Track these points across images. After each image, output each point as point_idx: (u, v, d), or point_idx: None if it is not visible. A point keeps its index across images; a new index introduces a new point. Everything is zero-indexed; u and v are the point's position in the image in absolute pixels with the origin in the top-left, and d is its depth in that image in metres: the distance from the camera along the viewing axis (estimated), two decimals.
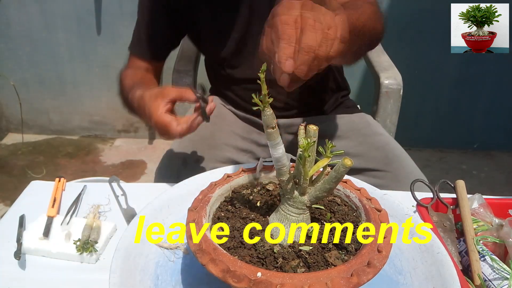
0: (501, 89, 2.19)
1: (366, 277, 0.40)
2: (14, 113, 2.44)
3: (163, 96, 0.70)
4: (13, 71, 2.31)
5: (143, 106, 0.73)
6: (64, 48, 2.26)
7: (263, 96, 0.43)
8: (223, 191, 0.54)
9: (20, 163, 2.22)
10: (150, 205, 0.60)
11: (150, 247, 0.56)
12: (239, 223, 0.50)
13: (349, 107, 1.11)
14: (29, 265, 0.62)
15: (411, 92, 1.74)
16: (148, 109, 0.71)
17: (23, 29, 2.20)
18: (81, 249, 0.63)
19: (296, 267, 0.44)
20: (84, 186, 0.79)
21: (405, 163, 0.92)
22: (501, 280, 0.55)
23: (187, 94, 0.71)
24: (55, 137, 2.50)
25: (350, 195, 0.54)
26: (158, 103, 0.70)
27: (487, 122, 2.30)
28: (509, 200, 0.70)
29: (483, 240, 0.61)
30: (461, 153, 2.37)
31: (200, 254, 0.42)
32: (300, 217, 0.48)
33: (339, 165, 0.43)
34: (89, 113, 2.45)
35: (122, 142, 2.47)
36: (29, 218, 0.70)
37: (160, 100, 0.70)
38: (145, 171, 2.19)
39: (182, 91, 0.71)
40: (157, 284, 0.52)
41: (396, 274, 0.54)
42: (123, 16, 2.14)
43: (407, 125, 1.85)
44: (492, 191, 1.71)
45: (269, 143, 0.45)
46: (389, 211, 0.54)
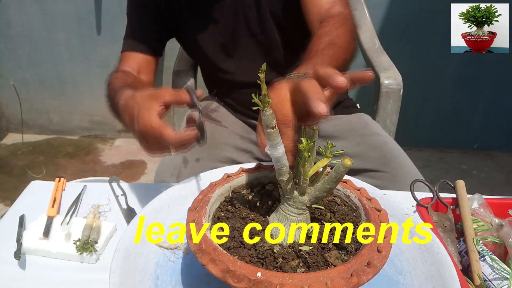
0: (501, 89, 2.19)
1: (366, 277, 0.40)
2: (14, 113, 2.44)
3: (157, 98, 0.59)
4: (13, 71, 2.31)
5: (131, 106, 0.61)
6: (64, 48, 2.26)
7: (262, 96, 0.43)
8: (223, 191, 0.54)
9: (20, 163, 2.22)
10: (150, 205, 0.60)
11: (150, 247, 0.56)
12: (239, 223, 0.50)
13: (348, 107, 1.11)
14: (29, 265, 0.62)
15: (411, 92, 1.74)
16: (136, 110, 0.59)
17: (23, 29, 2.20)
18: (81, 249, 0.63)
19: (296, 267, 0.44)
20: (84, 186, 0.79)
21: (403, 163, 0.92)
22: (501, 280, 0.55)
23: (184, 97, 0.61)
24: (55, 137, 2.50)
25: (350, 195, 0.54)
26: (150, 104, 0.58)
27: (487, 122, 2.30)
28: (509, 200, 0.70)
29: (483, 240, 0.61)
30: (461, 153, 2.37)
31: (200, 254, 0.42)
32: (300, 217, 0.48)
33: (339, 165, 0.43)
34: (89, 113, 2.45)
35: (122, 142, 2.47)
36: (29, 218, 0.70)
37: (153, 101, 0.59)
38: (145, 171, 2.19)
39: (179, 94, 0.61)
40: (157, 284, 0.52)
41: (396, 274, 0.54)
42: (123, 16, 2.12)
43: (407, 125, 1.86)
44: (492, 191, 1.71)
45: (268, 143, 0.45)
46: (389, 211, 0.54)
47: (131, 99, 0.62)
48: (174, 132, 0.55)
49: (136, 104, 0.60)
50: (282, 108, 0.48)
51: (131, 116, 0.60)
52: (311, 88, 0.44)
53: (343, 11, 0.80)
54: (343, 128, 1.02)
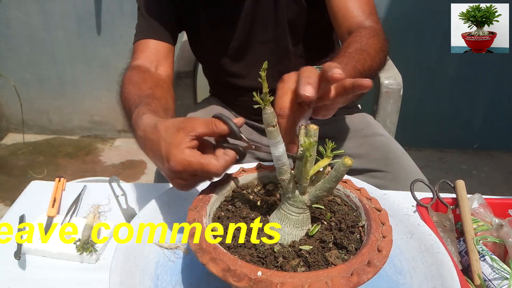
0: (501, 89, 2.19)
1: (366, 277, 0.40)
2: (14, 113, 2.44)
3: (186, 131, 0.50)
4: (13, 71, 2.31)
5: (155, 142, 0.53)
6: (64, 48, 2.26)
7: (264, 94, 0.43)
8: (223, 191, 0.54)
9: (20, 163, 2.22)
10: (150, 205, 0.60)
11: (150, 247, 0.56)
12: (240, 222, 0.50)
13: (349, 107, 1.11)
14: (29, 265, 0.62)
15: (411, 92, 1.74)
16: (164, 149, 0.51)
17: (23, 29, 2.20)
18: (81, 249, 0.63)
19: (296, 266, 0.44)
20: (84, 186, 0.79)
21: (405, 164, 0.92)
22: (501, 280, 0.55)
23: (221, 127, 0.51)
24: (55, 137, 2.50)
25: (350, 195, 0.54)
26: (179, 141, 0.50)
27: (487, 122, 2.30)
28: (509, 200, 0.70)
29: (483, 240, 0.61)
30: (461, 153, 2.37)
31: (200, 253, 0.42)
32: (301, 217, 0.48)
33: (339, 165, 0.43)
34: (89, 113, 2.45)
35: (122, 142, 2.47)
36: (29, 218, 0.70)
37: (182, 136, 0.50)
38: (145, 171, 2.19)
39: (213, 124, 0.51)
40: (157, 284, 0.52)
41: (396, 274, 0.54)
42: (123, 16, 2.14)
43: (407, 125, 1.85)
44: (492, 191, 1.72)
45: (269, 141, 0.45)
46: (389, 211, 0.54)
47: (152, 132, 0.54)
48: (217, 161, 0.50)
49: (162, 140, 0.52)
50: (281, 101, 0.49)
51: (155, 153, 0.53)
52: (305, 74, 0.47)
53: (374, 26, 0.81)
54: (346, 129, 1.02)
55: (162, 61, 0.88)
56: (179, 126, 0.51)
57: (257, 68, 0.44)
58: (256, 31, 0.92)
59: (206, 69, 1.10)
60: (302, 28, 0.93)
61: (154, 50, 0.87)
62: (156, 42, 0.88)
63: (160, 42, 0.88)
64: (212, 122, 0.51)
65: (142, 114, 0.60)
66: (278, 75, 0.53)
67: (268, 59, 0.50)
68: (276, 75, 0.55)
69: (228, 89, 1.05)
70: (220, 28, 0.93)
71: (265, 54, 0.95)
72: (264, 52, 0.95)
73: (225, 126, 0.51)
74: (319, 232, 0.49)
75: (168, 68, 0.89)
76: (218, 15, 0.92)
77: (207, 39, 0.97)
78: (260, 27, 0.92)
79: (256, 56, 0.95)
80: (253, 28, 0.92)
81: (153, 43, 0.87)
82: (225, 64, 0.98)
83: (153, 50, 0.87)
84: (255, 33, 0.93)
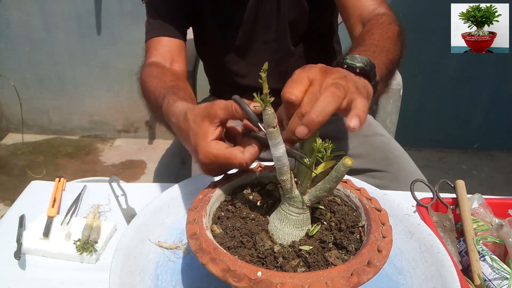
0: (501, 89, 2.19)
1: (366, 277, 0.40)
2: (14, 113, 2.44)
3: (210, 118, 0.52)
4: (13, 71, 2.31)
5: (186, 132, 0.55)
6: (64, 48, 2.26)
7: (264, 95, 0.43)
8: (223, 191, 0.54)
9: (20, 163, 2.22)
10: (150, 205, 0.60)
11: (150, 247, 0.56)
12: (239, 222, 0.50)
13: None
14: (29, 265, 0.62)
15: (411, 92, 1.74)
16: (193, 141, 0.53)
17: (23, 29, 2.20)
18: (81, 249, 0.63)
19: (296, 266, 0.44)
20: (84, 186, 0.79)
21: (405, 164, 0.92)
22: (501, 280, 0.55)
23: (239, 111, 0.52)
24: (55, 137, 2.50)
25: (350, 195, 0.54)
26: (205, 130, 0.52)
27: (487, 122, 2.30)
28: (509, 200, 0.70)
29: (483, 240, 0.61)
30: (461, 153, 2.37)
31: (200, 253, 0.42)
32: (301, 217, 0.48)
33: (339, 165, 0.43)
34: (89, 113, 2.45)
35: (122, 142, 2.47)
36: (29, 218, 0.70)
37: (207, 125, 0.52)
38: (145, 171, 2.19)
39: (232, 107, 0.52)
40: (157, 284, 0.52)
41: (396, 274, 0.54)
42: (123, 16, 2.14)
43: (407, 125, 1.85)
44: (492, 191, 1.72)
45: (269, 142, 0.45)
46: (389, 211, 0.54)
47: (184, 121, 0.56)
48: (242, 154, 0.51)
49: (190, 131, 0.54)
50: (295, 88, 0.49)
51: (186, 143, 0.56)
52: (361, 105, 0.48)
53: (388, 12, 0.81)
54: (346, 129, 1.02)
55: (176, 57, 0.88)
56: (204, 114, 0.52)
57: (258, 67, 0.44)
58: (258, 31, 0.93)
59: (208, 68, 1.10)
60: (302, 29, 0.93)
61: (167, 47, 0.88)
62: (168, 39, 0.88)
63: (172, 39, 0.88)
64: (231, 105, 0.52)
65: (173, 102, 0.61)
66: (279, 75, 0.53)
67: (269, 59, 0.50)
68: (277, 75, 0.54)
69: (228, 88, 1.05)
70: (223, 27, 0.94)
71: (267, 54, 0.95)
72: (266, 52, 0.95)
73: (241, 111, 0.51)
74: (319, 232, 0.49)
75: (182, 64, 0.90)
76: (222, 13, 0.93)
77: (210, 37, 0.97)
78: (262, 27, 0.92)
79: (258, 55, 0.96)
80: (256, 28, 0.92)
81: (165, 40, 0.88)
82: (227, 63, 0.98)
83: (166, 47, 0.88)
84: (257, 32, 0.93)
